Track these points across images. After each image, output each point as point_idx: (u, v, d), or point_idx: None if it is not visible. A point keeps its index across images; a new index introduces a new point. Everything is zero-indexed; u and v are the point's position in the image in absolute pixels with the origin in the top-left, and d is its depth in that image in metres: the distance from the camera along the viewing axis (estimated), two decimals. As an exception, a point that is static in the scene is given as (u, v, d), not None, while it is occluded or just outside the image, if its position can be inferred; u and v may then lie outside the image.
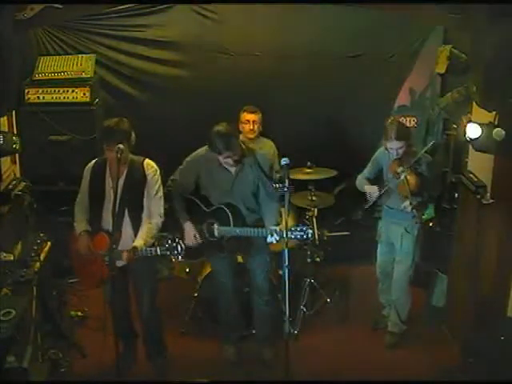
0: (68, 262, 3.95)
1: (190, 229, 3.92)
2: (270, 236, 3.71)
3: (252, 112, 4.76)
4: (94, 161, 3.81)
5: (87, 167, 3.80)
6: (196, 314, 4.53)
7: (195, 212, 3.97)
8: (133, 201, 3.67)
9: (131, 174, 3.67)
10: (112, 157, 3.56)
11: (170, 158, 4.08)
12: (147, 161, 3.76)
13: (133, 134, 3.65)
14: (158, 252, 3.59)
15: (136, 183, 3.68)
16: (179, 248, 3.55)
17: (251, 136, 4.75)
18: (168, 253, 3.57)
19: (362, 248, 5.34)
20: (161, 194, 3.74)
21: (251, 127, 4.74)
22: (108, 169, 3.72)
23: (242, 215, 3.90)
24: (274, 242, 3.75)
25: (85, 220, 3.78)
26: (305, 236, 3.55)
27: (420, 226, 4.19)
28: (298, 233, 3.54)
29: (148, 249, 3.59)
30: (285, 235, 3.56)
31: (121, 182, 3.59)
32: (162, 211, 3.73)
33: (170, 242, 3.56)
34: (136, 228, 3.68)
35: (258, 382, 3.98)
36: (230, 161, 3.75)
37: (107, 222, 3.65)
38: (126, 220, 3.68)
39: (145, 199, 3.70)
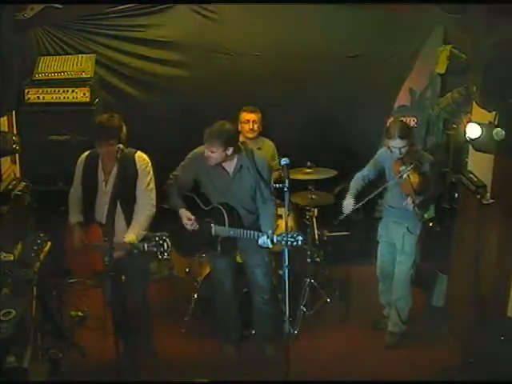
0: (66, 261, 3.96)
1: (184, 213, 3.90)
2: (262, 239, 3.71)
3: (251, 112, 4.76)
4: (86, 153, 3.83)
5: (79, 160, 3.83)
6: (196, 314, 4.53)
7: (194, 210, 3.97)
8: (125, 193, 3.67)
9: (123, 167, 3.66)
10: (104, 152, 3.59)
11: (170, 158, 4.09)
12: (138, 153, 3.77)
13: (124, 129, 3.66)
14: (146, 248, 3.59)
15: (128, 176, 3.69)
16: (165, 245, 3.54)
17: (251, 136, 4.75)
18: (155, 249, 3.56)
19: (362, 248, 5.36)
20: (152, 185, 3.76)
21: (251, 127, 4.74)
22: (100, 162, 3.74)
23: (239, 216, 3.89)
24: (265, 246, 3.73)
25: (78, 212, 3.82)
26: (295, 243, 3.49)
27: (421, 225, 4.20)
28: (289, 239, 3.50)
29: (136, 244, 3.60)
30: (275, 240, 3.56)
31: (113, 174, 3.61)
32: (154, 203, 3.75)
33: (157, 238, 3.55)
34: (128, 220, 3.71)
35: (258, 382, 3.98)
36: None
37: (100, 214, 3.70)
38: (119, 212, 3.68)
39: (137, 191, 3.72)
